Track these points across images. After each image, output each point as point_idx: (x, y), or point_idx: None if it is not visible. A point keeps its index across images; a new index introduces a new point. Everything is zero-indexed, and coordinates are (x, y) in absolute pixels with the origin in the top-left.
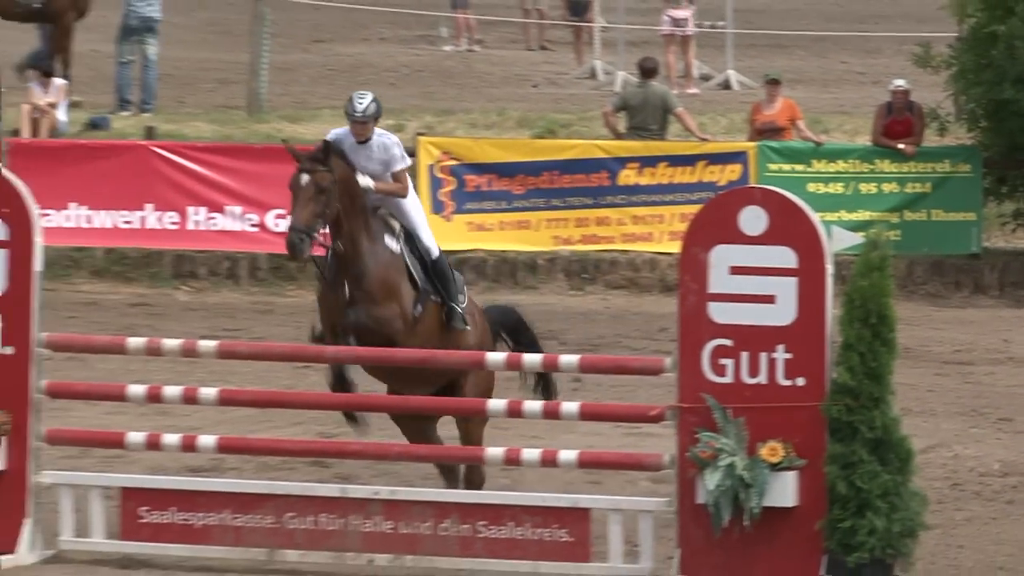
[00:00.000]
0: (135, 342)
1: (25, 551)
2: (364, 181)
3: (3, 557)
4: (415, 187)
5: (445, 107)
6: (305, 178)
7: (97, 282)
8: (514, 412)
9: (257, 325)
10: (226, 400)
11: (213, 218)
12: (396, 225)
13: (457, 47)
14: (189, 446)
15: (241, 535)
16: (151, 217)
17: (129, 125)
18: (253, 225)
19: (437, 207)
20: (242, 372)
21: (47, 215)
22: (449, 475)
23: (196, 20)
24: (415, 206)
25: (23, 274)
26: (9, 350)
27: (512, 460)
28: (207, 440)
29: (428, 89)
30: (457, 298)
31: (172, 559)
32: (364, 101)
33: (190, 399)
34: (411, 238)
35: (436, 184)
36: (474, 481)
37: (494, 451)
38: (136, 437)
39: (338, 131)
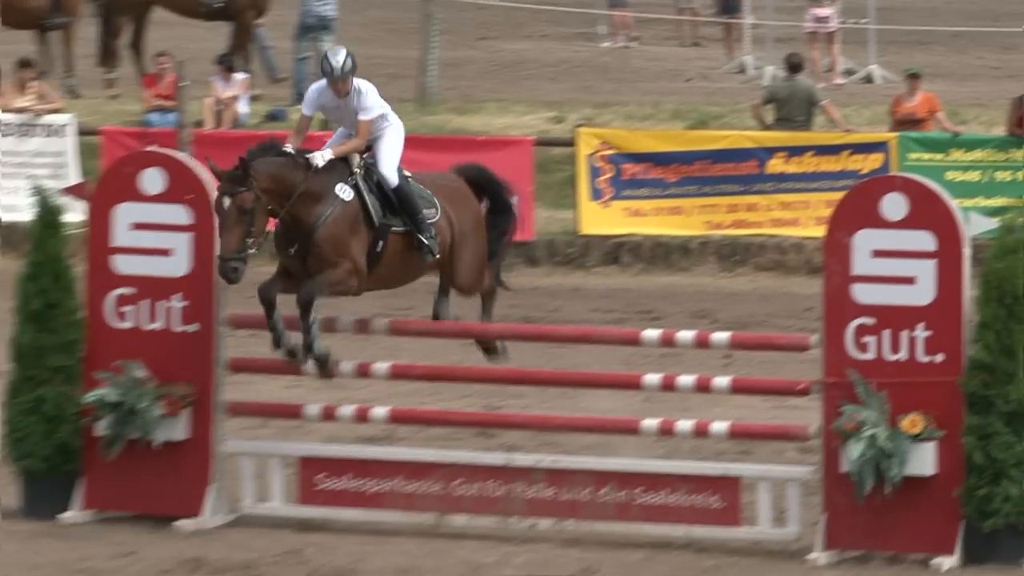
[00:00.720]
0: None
1: (209, 515)
2: (323, 156)
3: (188, 520)
4: (574, 174)
5: (603, 100)
6: (227, 202)
7: (275, 264)
8: (668, 386)
9: (426, 304)
10: (397, 374)
11: None
12: (355, 160)
13: (614, 43)
14: (362, 417)
15: (412, 501)
16: None
17: None
18: None
19: (596, 194)
20: (412, 348)
21: None
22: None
23: (369, 18)
24: (391, 136)
25: (207, 257)
26: (194, 327)
27: (666, 431)
28: (380, 411)
29: (587, 83)
30: (425, 227)
31: (346, 523)
32: (339, 58)
33: (363, 373)
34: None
35: (595, 172)
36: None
37: (650, 422)
38: (313, 409)
39: (317, 85)
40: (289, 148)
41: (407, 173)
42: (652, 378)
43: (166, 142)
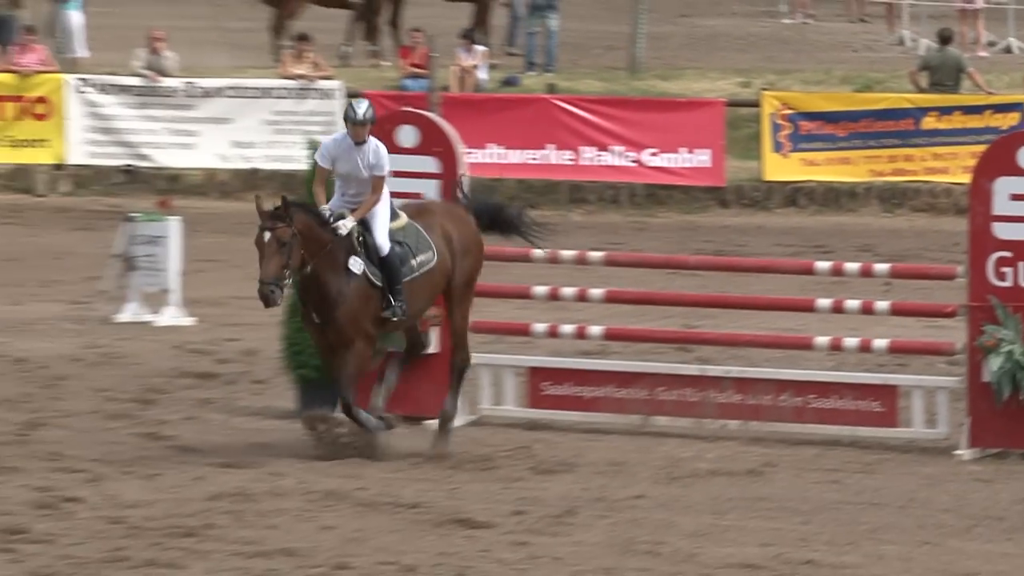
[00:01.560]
0: (539, 253)
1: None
2: (346, 225)
3: (432, 421)
4: (759, 130)
5: (783, 68)
6: (267, 235)
7: None
8: (837, 309)
9: (634, 240)
10: (611, 298)
11: (601, 155)
12: (354, 230)
13: (794, 20)
14: (581, 335)
15: (622, 405)
16: (552, 155)
17: (535, 82)
18: (632, 161)
19: (777, 147)
20: (623, 277)
21: (471, 153)
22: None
23: None
24: (384, 206)
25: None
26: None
27: (836, 347)
28: (595, 330)
29: (770, 54)
30: (399, 293)
31: (567, 423)
32: (362, 107)
33: (582, 298)
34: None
35: (776, 128)
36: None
37: (822, 339)
38: (540, 327)
39: (333, 136)
40: (322, 209)
41: (403, 218)
42: (824, 302)
43: (418, 104)
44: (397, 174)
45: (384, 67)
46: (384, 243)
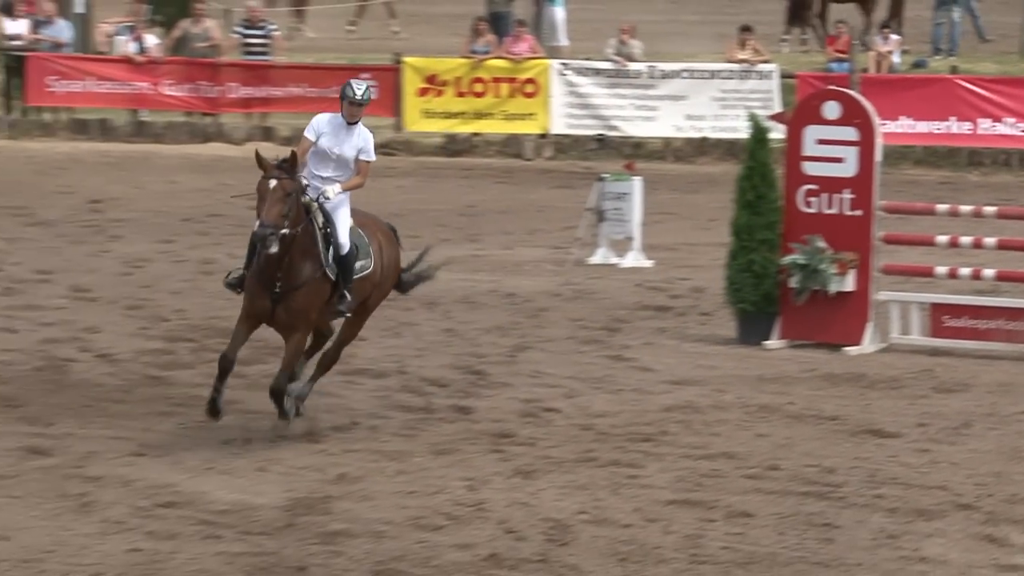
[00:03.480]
0: (941, 208)
1: (867, 344)
2: (333, 191)
3: (852, 348)
4: None
5: None
6: (273, 183)
7: (916, 168)
8: None
9: (1022, 196)
10: (1002, 246)
11: (995, 126)
12: (319, 219)
13: None
14: (976, 276)
15: (1011, 335)
16: (953, 125)
17: (940, 65)
18: (1022, 131)
19: None
20: (1013, 228)
21: (885, 124)
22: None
23: None
24: (346, 208)
25: (868, 163)
26: (859, 212)
27: None
28: (989, 272)
29: None
30: (350, 289)
31: (963, 350)
32: (362, 88)
33: (977, 245)
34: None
35: None
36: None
37: None
38: (941, 270)
39: (324, 115)
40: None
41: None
42: None
43: (842, 83)
44: (823, 141)
45: (813, 52)
46: (346, 241)
